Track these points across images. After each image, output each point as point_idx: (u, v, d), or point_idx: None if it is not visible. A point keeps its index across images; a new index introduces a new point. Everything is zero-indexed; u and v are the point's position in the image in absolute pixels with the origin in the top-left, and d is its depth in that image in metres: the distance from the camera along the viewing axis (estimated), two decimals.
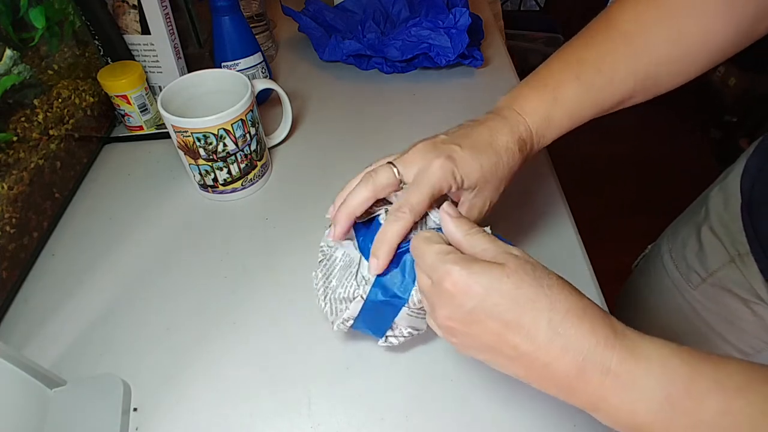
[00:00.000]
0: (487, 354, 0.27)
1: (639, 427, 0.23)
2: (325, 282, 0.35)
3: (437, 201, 0.33)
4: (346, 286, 0.34)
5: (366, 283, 0.33)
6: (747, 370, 0.23)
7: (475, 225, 0.30)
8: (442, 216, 0.30)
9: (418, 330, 0.35)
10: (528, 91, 0.38)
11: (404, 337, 0.35)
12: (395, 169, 0.33)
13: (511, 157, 0.35)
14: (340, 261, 0.35)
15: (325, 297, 0.35)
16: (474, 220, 0.35)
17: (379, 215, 0.35)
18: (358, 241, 0.35)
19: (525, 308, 0.25)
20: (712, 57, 0.38)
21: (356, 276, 0.34)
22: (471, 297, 0.25)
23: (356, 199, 0.33)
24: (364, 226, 0.35)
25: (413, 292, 0.32)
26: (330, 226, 0.35)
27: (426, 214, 0.33)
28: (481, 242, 0.28)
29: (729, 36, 0.36)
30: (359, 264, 0.34)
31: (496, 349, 0.26)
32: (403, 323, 0.34)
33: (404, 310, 0.33)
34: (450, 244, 0.29)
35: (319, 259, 0.36)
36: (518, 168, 0.37)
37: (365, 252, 0.33)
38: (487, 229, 0.31)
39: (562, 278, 0.26)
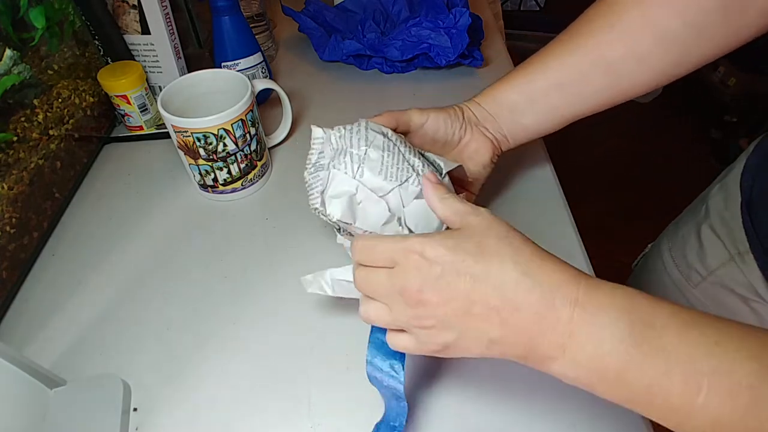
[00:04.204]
0: (461, 323, 0.26)
1: (603, 359, 0.24)
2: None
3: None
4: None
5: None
6: (691, 309, 0.24)
7: (451, 192, 0.32)
8: (424, 181, 0.33)
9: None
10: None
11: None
12: None
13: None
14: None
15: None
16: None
17: None
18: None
19: (491, 258, 0.26)
20: (666, 51, 0.38)
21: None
22: (438, 260, 0.26)
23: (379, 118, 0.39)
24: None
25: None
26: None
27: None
28: (454, 203, 0.30)
29: (677, 26, 0.37)
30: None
31: (469, 312, 0.26)
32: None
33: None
34: None
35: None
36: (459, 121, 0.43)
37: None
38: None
39: (523, 234, 0.28)
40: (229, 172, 0.51)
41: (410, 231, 0.35)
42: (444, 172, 0.37)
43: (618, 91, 0.41)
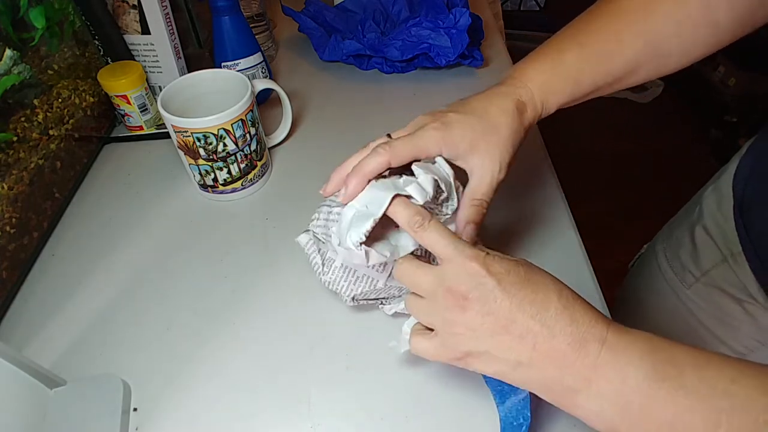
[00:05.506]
0: (494, 338, 0.27)
1: (628, 394, 0.25)
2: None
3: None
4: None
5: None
6: (707, 350, 0.26)
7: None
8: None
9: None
10: (529, 60, 0.39)
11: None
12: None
13: (509, 117, 0.36)
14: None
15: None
16: (487, 191, 0.36)
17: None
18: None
19: (538, 287, 0.28)
20: (714, 35, 0.38)
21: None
22: (495, 275, 0.28)
23: (371, 164, 0.33)
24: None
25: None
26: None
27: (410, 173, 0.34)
28: (494, 253, 0.31)
29: (728, 13, 0.37)
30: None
31: (506, 330, 0.27)
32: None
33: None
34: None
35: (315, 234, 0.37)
36: (522, 131, 0.37)
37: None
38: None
39: None
40: (229, 172, 0.51)
41: (431, 178, 0.33)
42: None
43: (626, 85, 0.40)
